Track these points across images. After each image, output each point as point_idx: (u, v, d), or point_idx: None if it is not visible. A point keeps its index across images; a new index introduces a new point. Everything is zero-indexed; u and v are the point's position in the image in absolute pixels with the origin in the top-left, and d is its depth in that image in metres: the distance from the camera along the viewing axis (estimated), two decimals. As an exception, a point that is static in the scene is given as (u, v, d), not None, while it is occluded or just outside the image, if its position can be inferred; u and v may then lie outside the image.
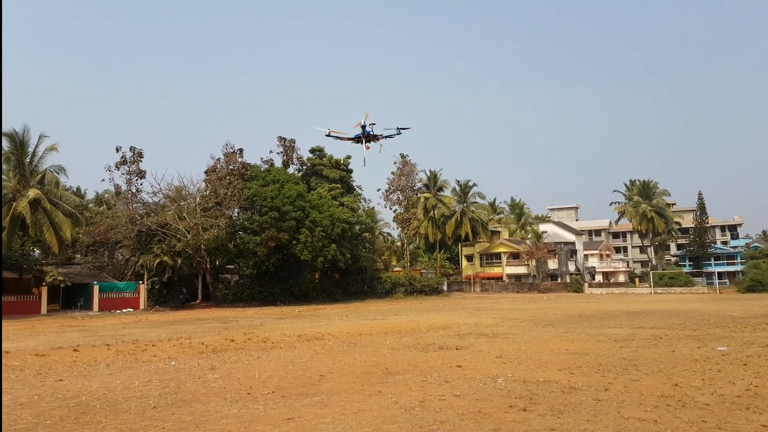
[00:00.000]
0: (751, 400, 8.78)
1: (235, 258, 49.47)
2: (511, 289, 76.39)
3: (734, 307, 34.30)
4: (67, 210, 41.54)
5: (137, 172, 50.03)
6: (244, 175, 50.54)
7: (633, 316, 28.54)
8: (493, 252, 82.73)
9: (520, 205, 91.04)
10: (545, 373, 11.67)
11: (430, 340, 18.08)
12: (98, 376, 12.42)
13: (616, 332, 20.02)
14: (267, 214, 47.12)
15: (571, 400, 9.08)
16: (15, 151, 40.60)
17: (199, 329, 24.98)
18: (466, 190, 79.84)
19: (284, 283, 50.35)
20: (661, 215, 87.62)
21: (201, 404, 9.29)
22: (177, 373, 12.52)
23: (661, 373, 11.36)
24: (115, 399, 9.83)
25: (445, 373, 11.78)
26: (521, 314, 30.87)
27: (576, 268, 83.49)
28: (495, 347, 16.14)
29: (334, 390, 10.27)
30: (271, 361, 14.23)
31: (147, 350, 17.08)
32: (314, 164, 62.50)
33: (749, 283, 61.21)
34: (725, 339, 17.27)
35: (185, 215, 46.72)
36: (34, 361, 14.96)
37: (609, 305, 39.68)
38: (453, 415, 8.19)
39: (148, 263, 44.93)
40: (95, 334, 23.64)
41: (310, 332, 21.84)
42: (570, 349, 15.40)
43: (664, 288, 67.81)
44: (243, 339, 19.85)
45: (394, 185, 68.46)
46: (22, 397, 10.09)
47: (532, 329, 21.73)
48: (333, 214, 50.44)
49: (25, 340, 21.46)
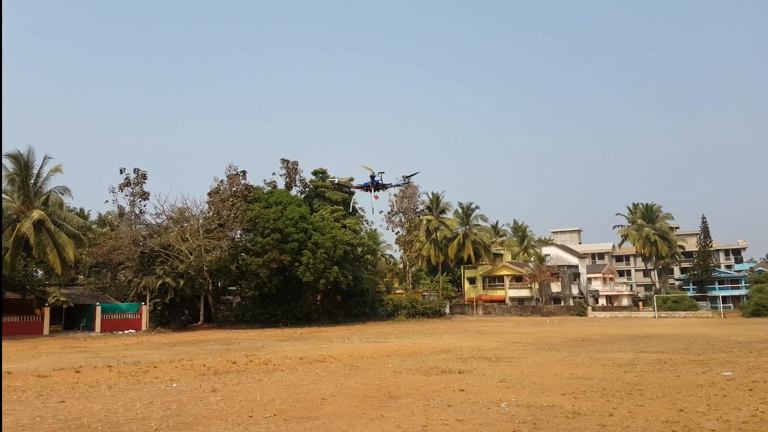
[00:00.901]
0: (757, 426, 8.72)
1: (238, 279, 49.44)
2: (513, 312, 75.92)
3: (739, 332, 34.04)
4: (70, 231, 41.70)
5: (141, 194, 50.39)
6: (246, 197, 50.81)
7: (637, 340, 28.34)
8: (495, 275, 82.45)
9: (523, 228, 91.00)
10: (549, 397, 11.59)
11: (433, 364, 17.98)
12: (100, 397, 12.38)
13: (620, 356, 19.88)
14: (269, 235, 47.22)
15: (576, 425, 9.02)
16: (20, 172, 40.93)
17: (201, 351, 24.87)
18: (469, 212, 79.94)
19: (286, 305, 50.22)
20: (664, 239, 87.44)
21: (203, 427, 9.25)
22: (179, 396, 12.47)
23: (665, 398, 11.28)
24: (116, 421, 9.79)
25: (447, 397, 11.71)
26: (524, 338, 30.68)
27: (579, 291, 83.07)
28: (498, 371, 16.05)
29: (335, 414, 10.22)
30: (273, 383, 14.16)
31: (149, 372, 17.02)
32: (317, 186, 62.80)
33: (754, 307, 60.78)
34: (730, 364, 17.13)
35: (188, 237, 46.84)
36: (36, 382, 14.92)
37: (612, 329, 39.41)
38: (456, 440, 8.14)
39: (151, 284, 44.92)
40: (97, 355, 23.56)
41: (311, 355, 21.73)
42: (574, 374, 15.29)
43: (668, 312, 67.34)
44: (245, 361, 19.76)
45: (396, 207, 68.63)
46: (24, 419, 10.06)
47: (535, 353, 21.59)
48: (335, 236, 50.52)
49: (27, 360, 21.39)
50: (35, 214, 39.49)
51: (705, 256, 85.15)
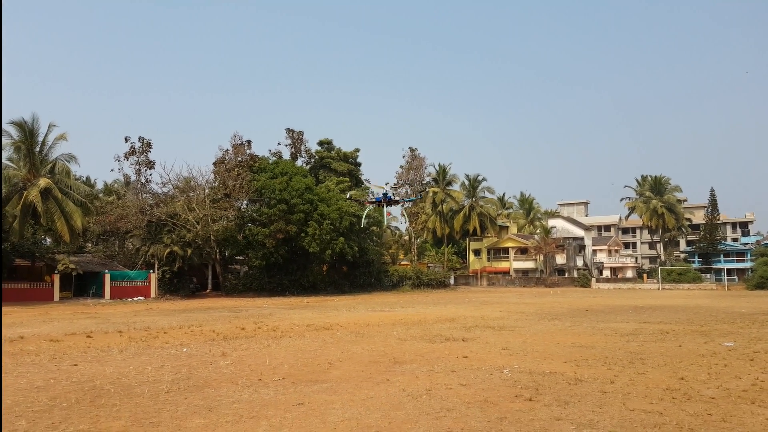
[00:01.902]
0: (756, 395, 8.85)
1: (244, 249, 49.83)
2: (518, 283, 76.36)
3: (742, 304, 34.20)
4: (77, 199, 41.97)
5: (146, 163, 50.49)
6: (252, 167, 50.81)
7: (640, 311, 28.54)
8: (500, 247, 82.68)
9: (530, 201, 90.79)
10: (551, 364, 11.77)
11: (437, 332, 18.21)
12: (112, 361, 12.67)
13: (623, 326, 20.06)
14: (275, 206, 47.37)
15: (577, 391, 9.18)
16: (25, 140, 40.98)
17: (210, 318, 25.28)
18: (476, 184, 79.71)
19: (293, 275, 50.70)
20: (671, 211, 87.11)
21: (213, 389, 9.49)
22: (189, 360, 12.75)
23: (667, 367, 11.43)
24: (128, 383, 10.05)
25: (451, 364, 11.91)
26: (528, 308, 30.95)
27: (584, 263, 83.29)
28: (501, 339, 16.25)
29: (342, 378, 10.44)
30: (281, 349, 14.43)
31: (159, 337, 17.35)
32: (322, 157, 62.66)
33: (758, 280, 60.87)
34: (732, 335, 17.28)
35: (194, 206, 47.07)
36: (49, 346, 15.25)
37: (616, 300, 39.66)
38: (459, 404, 8.33)
39: (159, 253, 45.39)
40: (107, 321, 23.99)
41: (318, 322, 22.05)
42: (576, 342, 15.48)
43: (672, 284, 67.56)
44: (253, 328, 20.09)
45: (402, 179, 68.49)
46: (38, 381, 10.33)
47: (538, 322, 21.81)
48: (341, 207, 50.62)
49: (39, 326, 21.82)
50: (42, 182, 39.68)
51: (711, 229, 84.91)
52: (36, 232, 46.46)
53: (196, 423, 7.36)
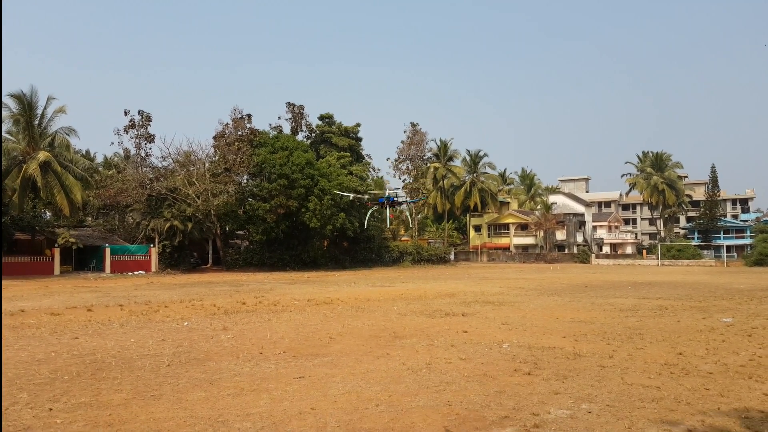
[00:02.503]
0: (754, 370, 8.89)
1: (245, 224, 49.87)
2: (517, 259, 76.62)
3: (741, 280, 34.31)
4: (77, 173, 41.83)
5: (146, 136, 50.22)
6: (252, 142, 50.53)
7: (639, 287, 28.64)
8: (501, 223, 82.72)
9: (531, 176, 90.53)
10: (550, 339, 11.82)
11: (437, 307, 18.29)
12: (112, 334, 12.73)
13: (622, 302, 20.14)
14: (276, 181, 47.24)
15: (576, 365, 9.22)
16: (24, 112, 40.68)
17: (211, 292, 25.38)
18: (477, 160, 79.36)
19: (293, 250, 50.83)
20: (672, 187, 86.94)
21: (214, 363, 9.53)
22: (190, 333, 12.81)
23: (665, 342, 11.48)
24: (129, 357, 10.10)
25: (451, 338, 11.97)
26: (527, 283, 31.06)
27: (584, 239, 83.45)
28: (501, 314, 16.32)
29: (343, 351, 10.49)
30: (282, 323, 14.50)
31: (160, 311, 17.43)
32: (323, 131, 62.24)
33: (757, 256, 61.05)
34: (731, 311, 17.34)
35: (194, 180, 46.95)
36: (50, 320, 15.32)
37: (615, 276, 39.80)
38: (459, 377, 8.37)
39: (159, 227, 45.44)
40: (108, 294, 24.09)
41: (319, 297, 22.14)
42: (575, 318, 15.54)
43: (672, 260, 67.78)
44: (254, 302, 20.18)
45: (403, 155, 68.14)
46: (39, 354, 10.38)
47: (537, 298, 21.90)
48: (342, 182, 50.49)
49: (40, 299, 21.92)
50: (41, 155, 39.50)
51: (712, 205, 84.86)
52: (36, 206, 46.43)
53: (198, 395, 7.41)
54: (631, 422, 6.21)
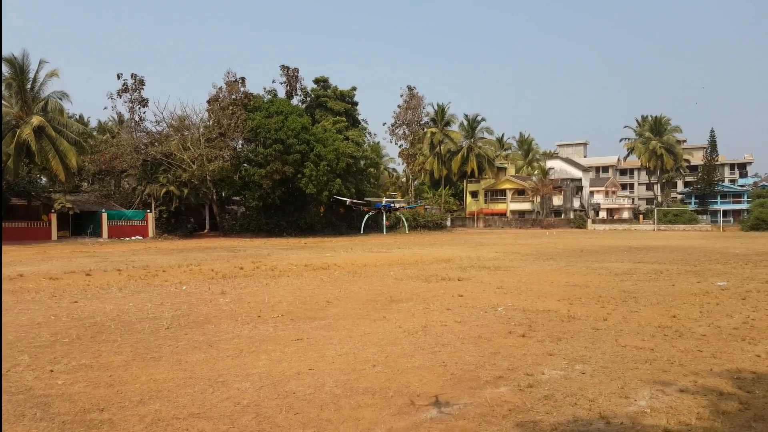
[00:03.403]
0: (747, 332, 9.01)
1: (241, 190, 49.75)
2: (514, 225, 76.91)
3: (736, 245, 34.56)
4: (71, 138, 41.44)
5: (139, 100, 49.64)
6: (247, 106, 49.95)
7: (635, 251, 28.84)
8: (498, 188, 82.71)
9: (528, 141, 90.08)
10: (545, 303, 11.94)
11: (433, 272, 18.41)
12: (111, 298, 12.81)
13: (617, 266, 20.30)
14: (271, 146, 46.90)
15: (570, 328, 9.34)
16: (16, 76, 40.01)
17: (209, 257, 25.48)
18: (474, 125, 78.77)
19: (290, 216, 50.87)
20: (670, 152, 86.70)
21: (213, 325, 9.62)
22: (188, 297, 12.89)
23: (659, 306, 11.61)
24: (129, 320, 10.18)
25: (447, 302, 12.08)
26: (523, 249, 31.24)
27: (581, 204, 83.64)
28: (496, 279, 16.44)
29: (340, 315, 10.59)
30: (280, 287, 14.59)
31: (158, 275, 17.51)
32: (318, 95, 61.45)
33: (753, 221, 61.36)
34: (725, 275, 17.50)
35: (189, 145, 46.61)
36: (49, 284, 15.39)
37: (611, 241, 40.04)
38: (454, 339, 8.48)
39: (155, 192, 45.33)
40: (106, 259, 24.16)
41: (316, 262, 22.25)
42: (570, 282, 15.68)
43: (668, 225, 68.14)
44: (251, 267, 20.27)
45: (400, 119, 67.61)
46: (39, 317, 10.45)
47: (533, 263, 22.05)
48: (338, 148, 50.15)
49: (38, 264, 21.98)
50: (35, 120, 39.03)
51: (710, 170, 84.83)
52: (31, 171, 46.15)
53: (197, 357, 7.49)
54: (624, 383, 6.31)
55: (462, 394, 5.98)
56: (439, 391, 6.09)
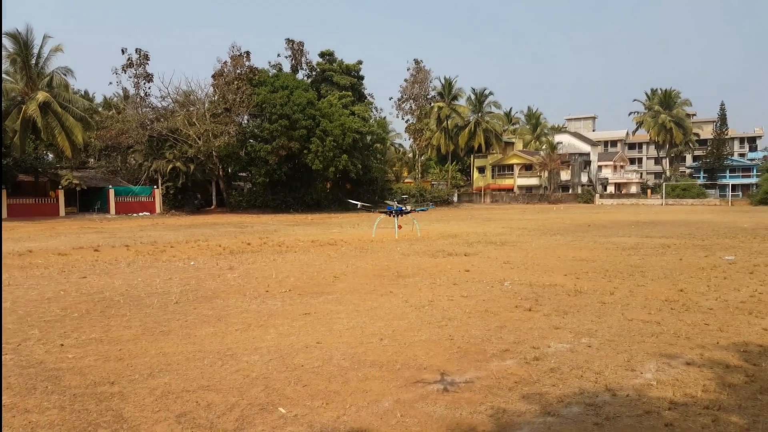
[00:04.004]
0: (754, 306, 8.98)
1: (247, 166, 49.72)
2: (521, 200, 76.66)
3: (745, 219, 34.33)
4: (77, 114, 41.40)
5: (144, 76, 49.39)
6: (252, 80, 49.60)
7: (642, 226, 28.72)
8: (505, 163, 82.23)
9: (537, 115, 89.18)
10: (551, 277, 11.93)
11: (440, 247, 18.41)
12: (120, 274, 12.91)
13: (625, 241, 20.23)
14: (277, 122, 46.67)
15: (576, 302, 9.34)
16: (20, 52, 39.83)
17: (216, 233, 25.60)
18: (482, 99, 77.94)
19: (296, 192, 50.87)
20: (680, 126, 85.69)
21: (221, 300, 9.70)
22: (197, 272, 12.98)
23: (667, 280, 11.58)
24: (137, 295, 10.27)
25: (453, 277, 12.09)
26: (530, 224, 31.17)
27: (588, 179, 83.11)
28: (503, 254, 16.43)
29: (347, 290, 10.63)
30: (287, 263, 14.65)
31: (166, 251, 17.61)
32: (324, 69, 60.89)
33: (762, 195, 60.88)
34: (733, 249, 17.41)
35: (195, 121, 46.49)
36: (57, 260, 15.52)
37: (618, 215, 39.87)
38: (460, 313, 8.50)
39: (161, 168, 45.41)
40: (114, 235, 24.32)
41: (323, 238, 22.30)
42: (577, 257, 15.65)
43: (676, 199, 67.73)
44: (259, 243, 20.36)
45: (407, 94, 66.96)
46: (49, 293, 10.56)
47: (540, 238, 22.01)
48: (344, 123, 49.84)
49: (47, 240, 22.16)
50: (40, 95, 38.97)
51: (719, 144, 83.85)
52: (37, 148, 46.28)
53: (206, 331, 7.56)
54: (631, 356, 6.32)
55: (468, 366, 6.02)
56: (446, 364, 6.12)
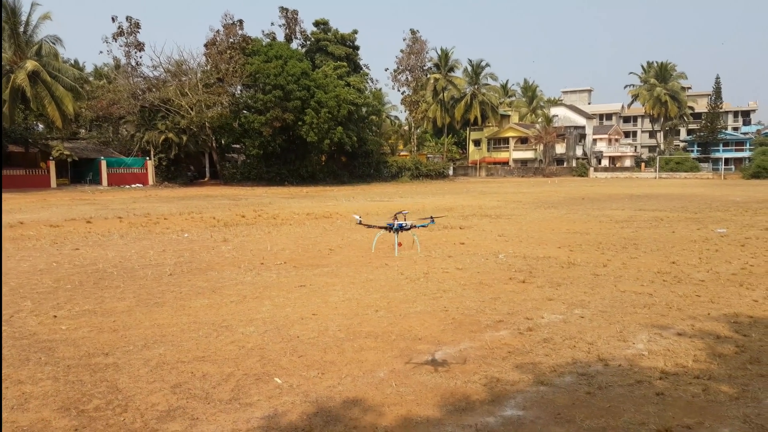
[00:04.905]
0: (745, 278, 9.06)
1: (241, 138, 49.25)
2: (516, 173, 76.63)
3: (737, 192, 34.49)
4: (67, 83, 40.72)
5: (135, 44, 48.49)
6: (245, 50, 48.78)
7: (635, 199, 28.82)
8: (501, 137, 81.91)
9: (533, 88, 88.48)
10: (545, 250, 11.99)
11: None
12: (113, 246, 12.86)
13: (618, 214, 20.31)
14: (271, 92, 46.07)
15: (570, 274, 9.40)
16: (7, 19, 38.93)
17: (210, 205, 25.49)
18: (479, 70, 77.10)
19: (291, 165, 50.55)
20: (675, 99, 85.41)
21: (216, 272, 9.68)
22: (190, 245, 12.94)
23: (659, 252, 11.65)
24: (131, 267, 10.24)
25: (448, 250, 12.13)
26: (524, 197, 31.21)
27: (583, 152, 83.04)
28: (497, 227, 16.47)
29: (343, 262, 10.64)
30: (282, 236, 14.63)
31: (159, 223, 17.54)
32: (318, 39, 59.91)
33: (755, 169, 61.08)
34: (725, 222, 17.51)
35: (187, 91, 45.84)
36: (49, 231, 15.43)
37: (612, 189, 39.97)
38: (455, 286, 8.54)
39: (154, 140, 44.95)
40: (106, 207, 24.18)
41: (318, 211, 22.26)
42: (571, 229, 15.71)
43: (669, 173, 67.92)
44: (253, 215, 20.30)
45: (402, 65, 66.14)
46: (41, 264, 10.51)
47: (534, 211, 22.06)
48: (339, 94, 49.26)
49: (38, 212, 22.00)
50: (29, 64, 38.26)
51: (713, 117, 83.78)
52: (27, 118, 45.59)
53: (201, 303, 7.56)
54: (623, 326, 6.38)
55: (463, 337, 6.06)
56: (441, 334, 6.16)
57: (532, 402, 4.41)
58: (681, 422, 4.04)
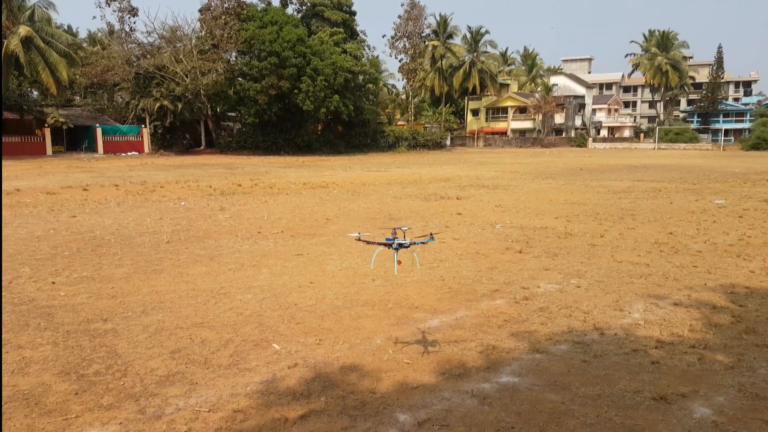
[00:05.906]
0: (742, 249, 9.10)
1: (236, 105, 48.68)
2: (514, 144, 76.23)
3: (736, 164, 34.45)
4: (61, 49, 40.02)
5: (129, 9, 47.58)
6: (240, 15, 47.83)
7: (634, 170, 28.77)
8: (499, 106, 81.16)
9: (533, 56, 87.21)
10: (542, 220, 11.99)
11: (432, 191, 18.39)
12: (110, 213, 12.82)
13: (616, 185, 20.30)
14: (266, 59, 45.34)
15: (567, 244, 9.42)
16: (-3, -18, 38.01)
17: (206, 173, 25.37)
18: (478, 38, 75.88)
19: (287, 134, 50.11)
20: (676, 68, 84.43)
21: (213, 240, 9.68)
22: (187, 213, 12.91)
23: (657, 223, 11.67)
24: (128, 234, 10.22)
25: (445, 220, 12.12)
26: (522, 168, 31.12)
27: (582, 122, 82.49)
28: (495, 197, 16.45)
29: (339, 232, 10.64)
30: (279, 205, 14.60)
31: (156, 191, 17.47)
32: (315, 4, 58.67)
33: (754, 140, 60.87)
34: (724, 193, 17.53)
35: (182, 58, 45.13)
36: (46, 199, 15.37)
37: (611, 159, 39.86)
38: (452, 256, 8.56)
39: (149, 107, 44.46)
40: (103, 175, 24.06)
41: (315, 181, 22.17)
42: (568, 200, 15.70)
43: (668, 144, 67.68)
44: (250, 184, 20.22)
45: (400, 31, 65.10)
46: (38, 231, 10.49)
47: (532, 181, 22.01)
48: (335, 62, 48.50)
49: (34, 179, 21.88)
50: (22, 30, 37.53)
51: (714, 87, 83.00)
52: (21, 84, 44.94)
53: (199, 270, 7.57)
54: (619, 296, 6.42)
55: (459, 306, 6.09)
56: (437, 303, 6.20)
57: (527, 369, 4.46)
58: (676, 390, 4.09)
